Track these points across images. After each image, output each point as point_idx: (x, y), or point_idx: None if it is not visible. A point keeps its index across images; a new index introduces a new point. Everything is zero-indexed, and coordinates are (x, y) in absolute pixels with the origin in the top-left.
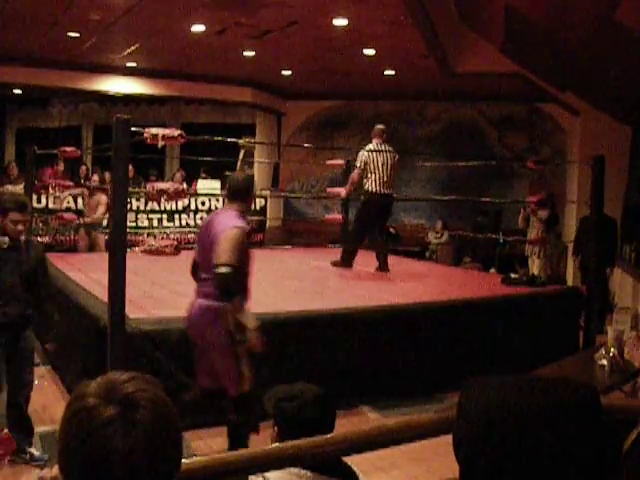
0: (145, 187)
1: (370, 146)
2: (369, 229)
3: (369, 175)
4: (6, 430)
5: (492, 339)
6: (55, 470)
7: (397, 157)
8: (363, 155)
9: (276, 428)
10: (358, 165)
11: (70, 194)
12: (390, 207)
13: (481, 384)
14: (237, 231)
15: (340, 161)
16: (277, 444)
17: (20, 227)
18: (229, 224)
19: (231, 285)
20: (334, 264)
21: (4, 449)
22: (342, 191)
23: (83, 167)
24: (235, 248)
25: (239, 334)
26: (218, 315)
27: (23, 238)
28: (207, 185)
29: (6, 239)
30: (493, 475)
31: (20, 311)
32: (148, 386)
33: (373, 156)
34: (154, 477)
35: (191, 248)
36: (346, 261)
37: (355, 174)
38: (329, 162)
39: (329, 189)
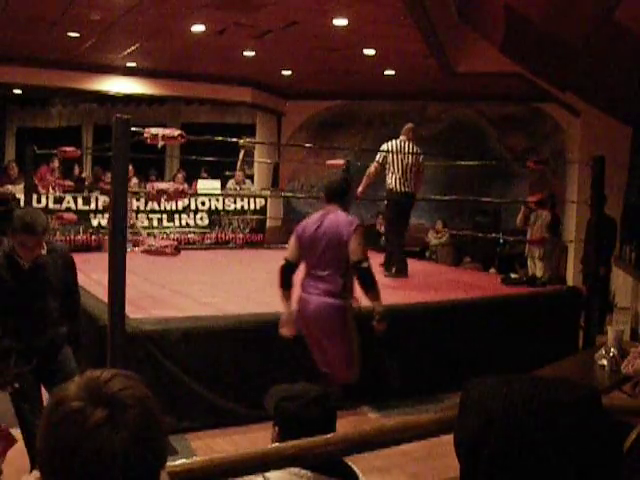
0: (145, 187)
1: (393, 142)
2: (402, 227)
3: (389, 172)
4: (4, 425)
5: (492, 339)
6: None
7: (421, 158)
8: (382, 149)
9: (277, 428)
10: (377, 159)
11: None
12: (409, 207)
13: (482, 384)
14: (361, 229)
15: (340, 161)
16: (277, 444)
17: (29, 249)
18: (350, 224)
19: (373, 276)
20: (389, 276)
21: (3, 445)
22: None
23: (76, 166)
24: (364, 244)
25: (379, 320)
26: (340, 309)
27: (41, 255)
28: (207, 185)
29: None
30: (494, 474)
31: (52, 335)
32: (131, 383)
33: (393, 152)
34: (146, 474)
35: (191, 248)
36: (401, 271)
37: (372, 167)
38: (329, 162)
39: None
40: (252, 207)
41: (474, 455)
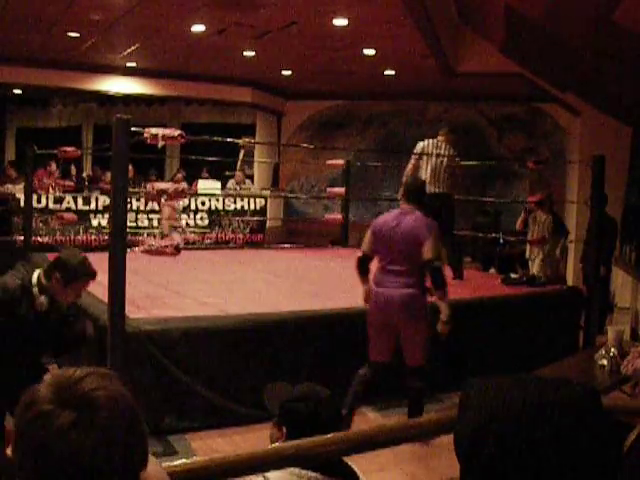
0: (145, 187)
1: (428, 141)
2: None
3: (422, 172)
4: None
5: (492, 339)
6: None
7: (457, 160)
8: (418, 147)
9: (284, 429)
10: (413, 156)
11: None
12: (440, 207)
13: (482, 384)
14: (437, 230)
15: (340, 161)
16: (277, 444)
17: (79, 294)
18: (427, 224)
19: (443, 276)
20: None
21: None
22: (342, 191)
23: (73, 167)
24: (439, 245)
25: (446, 317)
26: (420, 299)
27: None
28: (208, 185)
29: (43, 299)
30: (494, 474)
31: None
32: (105, 382)
33: (428, 151)
34: (121, 476)
35: (191, 248)
36: (458, 276)
37: (409, 167)
38: (329, 162)
39: (329, 189)
40: (252, 207)
41: (474, 455)
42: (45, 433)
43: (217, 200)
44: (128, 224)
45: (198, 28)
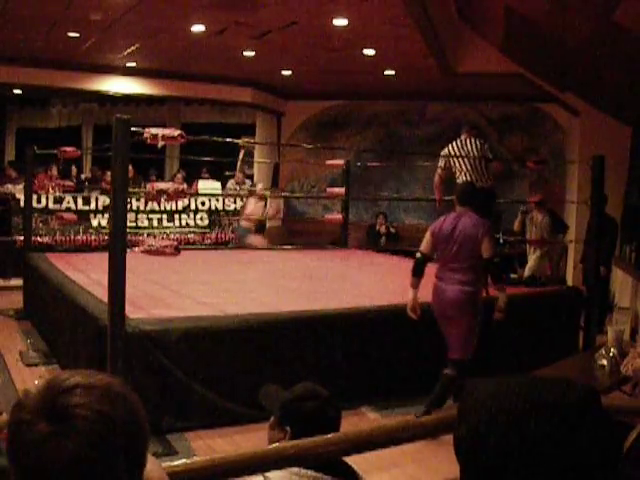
0: (145, 187)
1: (453, 143)
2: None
3: (459, 174)
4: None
5: (492, 339)
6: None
7: (487, 150)
8: (443, 153)
9: (289, 429)
10: (439, 165)
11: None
12: (490, 201)
13: (482, 384)
14: (491, 229)
15: (340, 161)
16: (277, 444)
17: None
18: (483, 225)
19: (501, 271)
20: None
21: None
22: (342, 191)
23: (73, 167)
24: (495, 243)
25: (504, 304)
26: (471, 296)
27: None
28: (208, 185)
29: None
30: (493, 475)
31: None
32: (91, 397)
33: (455, 153)
34: None
35: (191, 248)
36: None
37: (436, 177)
38: (329, 162)
39: (329, 189)
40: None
41: (473, 455)
42: (22, 440)
43: (217, 200)
44: (128, 224)
45: (198, 28)
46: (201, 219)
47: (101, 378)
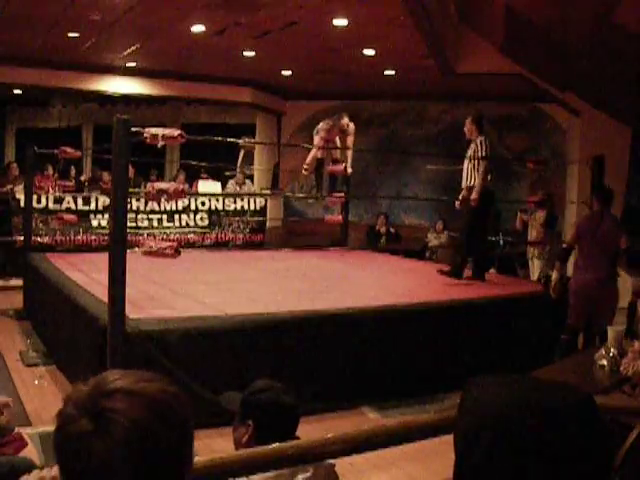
0: (145, 187)
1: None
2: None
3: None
4: (17, 429)
5: (492, 339)
6: (55, 470)
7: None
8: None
9: (250, 422)
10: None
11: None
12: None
13: (482, 384)
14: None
15: (340, 167)
16: (277, 444)
17: None
18: (619, 221)
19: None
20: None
21: (16, 447)
22: (342, 196)
23: (72, 168)
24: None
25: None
26: (608, 282)
27: None
28: (208, 186)
29: None
30: (484, 474)
31: None
32: (131, 402)
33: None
34: None
35: (191, 248)
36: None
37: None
38: (330, 168)
39: (328, 198)
40: (252, 207)
41: (467, 453)
42: (64, 434)
43: (217, 200)
44: (128, 224)
45: (198, 28)
46: (201, 219)
47: (149, 386)
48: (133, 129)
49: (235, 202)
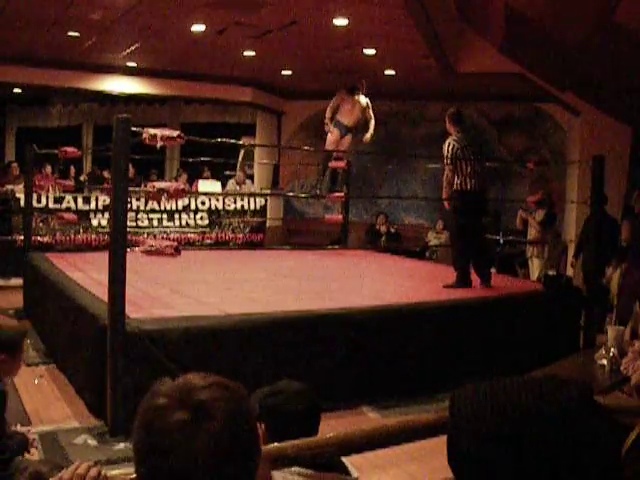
0: (145, 186)
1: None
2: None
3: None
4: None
5: (492, 339)
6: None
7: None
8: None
9: (263, 425)
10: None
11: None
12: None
13: (468, 396)
14: None
15: (342, 163)
16: (276, 444)
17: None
18: None
19: None
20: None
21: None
22: (342, 195)
23: (72, 167)
24: None
25: None
26: None
27: None
28: (208, 185)
29: None
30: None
31: None
32: (225, 395)
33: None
34: None
35: (191, 248)
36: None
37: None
38: (332, 164)
39: (329, 195)
40: (252, 207)
41: (466, 463)
42: (158, 425)
43: (217, 200)
44: (128, 224)
45: (198, 28)
46: (201, 219)
47: (230, 382)
48: (133, 129)
49: (235, 202)
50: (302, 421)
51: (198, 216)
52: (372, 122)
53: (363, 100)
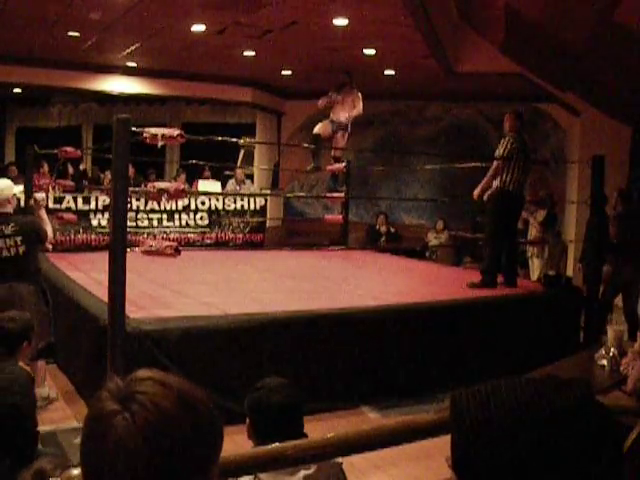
0: (145, 186)
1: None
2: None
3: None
4: None
5: (492, 339)
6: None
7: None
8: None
9: (247, 419)
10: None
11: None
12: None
13: (468, 399)
14: None
15: (340, 165)
16: (277, 444)
17: None
18: None
19: None
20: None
21: None
22: (341, 195)
23: (69, 165)
24: None
25: None
26: None
27: None
28: (208, 185)
29: None
30: None
31: None
32: (160, 390)
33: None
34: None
35: (191, 248)
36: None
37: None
38: (329, 167)
39: (328, 194)
40: (252, 207)
41: (468, 466)
42: (93, 414)
43: (217, 200)
44: (128, 224)
45: (198, 28)
46: (201, 219)
47: (181, 382)
48: (133, 129)
49: (235, 202)
50: (283, 414)
51: (198, 216)
52: (360, 104)
53: (353, 93)
